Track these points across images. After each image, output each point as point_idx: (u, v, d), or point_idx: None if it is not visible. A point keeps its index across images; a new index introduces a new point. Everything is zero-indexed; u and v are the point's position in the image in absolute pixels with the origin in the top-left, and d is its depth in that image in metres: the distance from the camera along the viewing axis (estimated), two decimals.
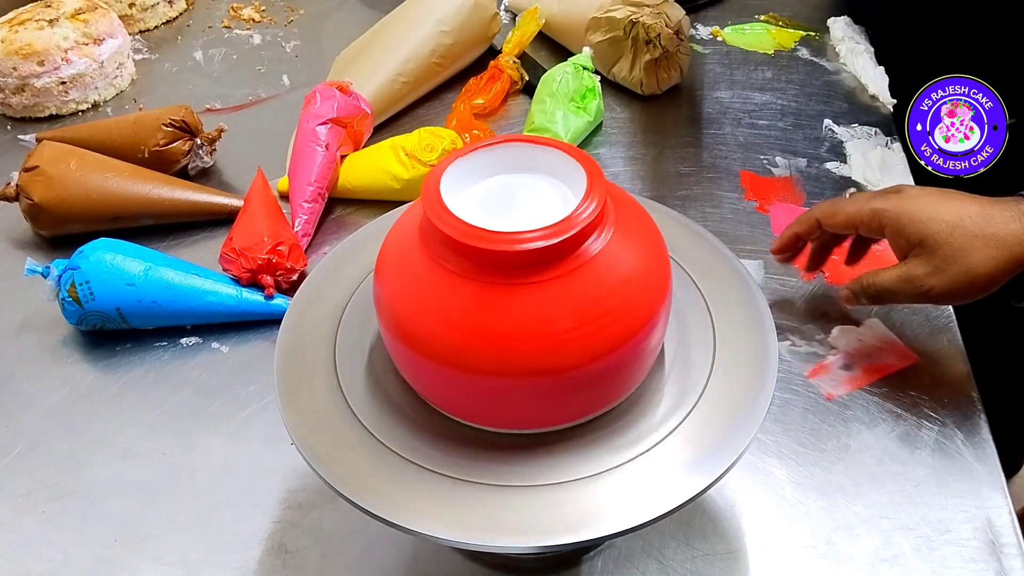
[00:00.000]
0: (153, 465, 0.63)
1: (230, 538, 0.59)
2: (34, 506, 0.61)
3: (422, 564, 0.57)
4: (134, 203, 0.80)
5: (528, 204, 0.47)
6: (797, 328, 0.69)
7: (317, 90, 0.85)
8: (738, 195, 0.82)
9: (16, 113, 0.98)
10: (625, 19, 0.91)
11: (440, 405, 0.49)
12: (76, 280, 0.69)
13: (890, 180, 0.81)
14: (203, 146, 0.86)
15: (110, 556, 0.58)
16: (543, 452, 0.47)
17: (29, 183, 0.79)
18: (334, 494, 0.46)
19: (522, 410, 0.47)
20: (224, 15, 1.15)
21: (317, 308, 0.55)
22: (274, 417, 0.64)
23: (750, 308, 0.53)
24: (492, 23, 0.99)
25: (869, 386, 0.65)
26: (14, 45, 0.95)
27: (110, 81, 1.01)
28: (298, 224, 0.79)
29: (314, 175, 0.81)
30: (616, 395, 0.49)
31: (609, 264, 0.45)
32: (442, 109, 0.96)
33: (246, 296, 0.72)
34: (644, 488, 0.45)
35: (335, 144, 0.83)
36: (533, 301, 0.44)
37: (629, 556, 0.56)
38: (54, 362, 0.71)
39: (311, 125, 0.82)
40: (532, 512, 0.44)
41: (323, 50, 1.07)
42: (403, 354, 0.47)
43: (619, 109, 0.95)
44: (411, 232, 0.48)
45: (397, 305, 0.47)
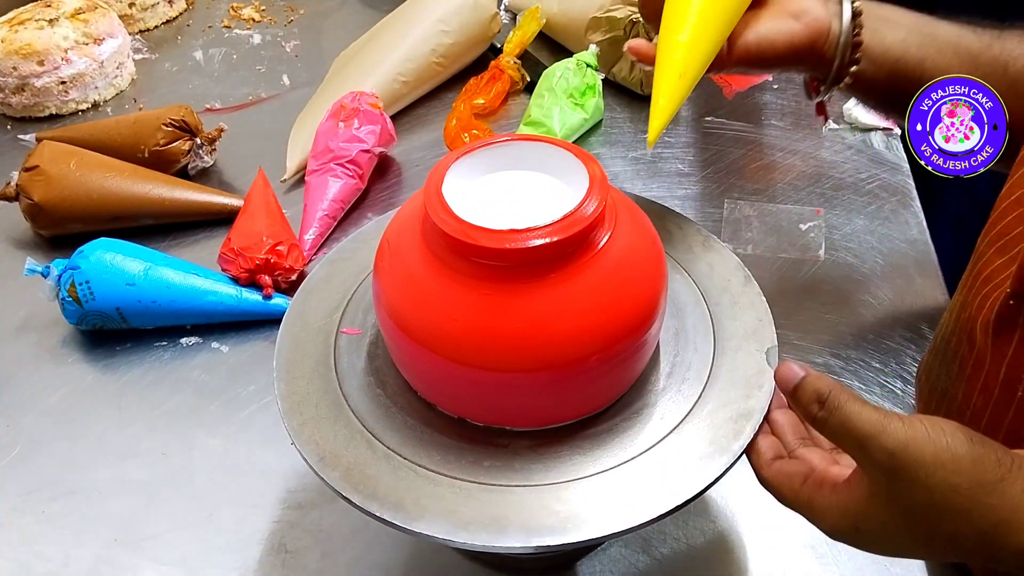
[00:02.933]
0: (153, 465, 0.63)
1: (230, 538, 0.59)
2: (34, 506, 0.61)
3: (422, 564, 0.57)
4: (134, 203, 0.80)
5: (529, 202, 0.47)
6: (797, 326, 0.69)
7: (361, 110, 0.84)
8: (738, 193, 0.82)
9: (16, 113, 0.98)
10: (625, 19, 0.91)
11: (442, 404, 0.49)
12: (76, 280, 0.69)
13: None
14: (203, 146, 0.86)
15: (110, 556, 0.58)
16: (543, 452, 0.47)
17: (29, 183, 0.79)
18: (334, 494, 0.46)
19: (525, 407, 0.47)
20: (224, 15, 1.15)
21: (317, 308, 0.55)
22: (274, 417, 0.64)
23: (750, 308, 0.53)
24: (492, 23, 0.99)
25: (869, 386, 0.65)
26: (14, 45, 0.95)
27: (110, 81, 1.01)
28: (310, 233, 0.79)
29: (340, 194, 0.81)
30: (615, 391, 0.49)
31: (609, 260, 0.45)
32: (442, 109, 0.96)
33: (246, 296, 0.72)
34: (644, 488, 0.45)
35: (367, 170, 0.83)
36: (536, 298, 0.44)
37: (628, 556, 0.56)
38: (54, 362, 0.71)
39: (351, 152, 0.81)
40: (531, 512, 0.44)
41: (323, 50, 1.07)
42: (405, 352, 0.47)
43: (619, 109, 0.95)
44: (411, 231, 0.48)
45: (399, 303, 0.47)
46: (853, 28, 0.59)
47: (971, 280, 0.53)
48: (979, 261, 0.53)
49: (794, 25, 0.58)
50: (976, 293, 0.51)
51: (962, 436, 0.39)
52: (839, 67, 0.59)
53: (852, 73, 0.59)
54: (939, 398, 0.55)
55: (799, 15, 0.58)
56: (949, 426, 0.39)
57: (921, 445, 0.39)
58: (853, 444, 0.40)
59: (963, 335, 0.52)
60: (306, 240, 0.78)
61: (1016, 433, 0.47)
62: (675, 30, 0.54)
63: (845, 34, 0.58)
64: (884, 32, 0.59)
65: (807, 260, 0.75)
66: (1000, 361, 0.48)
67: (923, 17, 0.60)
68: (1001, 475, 0.38)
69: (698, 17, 0.54)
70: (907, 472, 0.39)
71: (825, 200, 0.81)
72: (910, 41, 0.59)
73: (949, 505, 0.39)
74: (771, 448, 0.47)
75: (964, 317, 0.52)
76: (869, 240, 0.77)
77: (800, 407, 0.43)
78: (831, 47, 0.59)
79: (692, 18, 0.54)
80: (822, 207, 0.80)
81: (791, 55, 0.58)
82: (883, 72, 0.59)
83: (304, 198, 0.82)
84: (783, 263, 0.75)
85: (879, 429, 0.39)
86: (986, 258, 0.52)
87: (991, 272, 0.50)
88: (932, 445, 0.39)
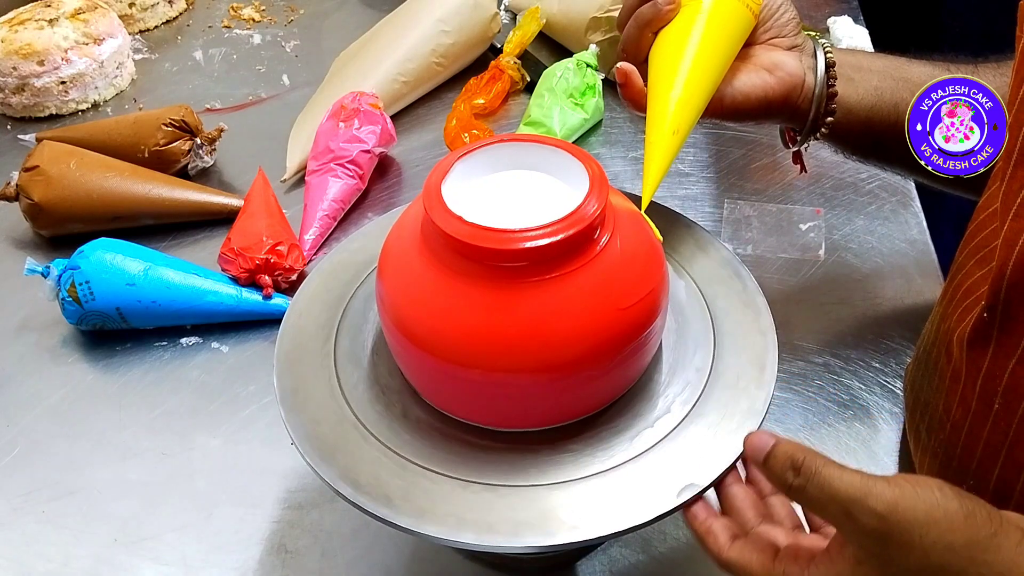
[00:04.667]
0: (153, 465, 0.63)
1: (230, 538, 0.59)
2: (34, 506, 0.61)
3: (422, 564, 0.57)
4: (134, 203, 0.80)
5: (529, 202, 0.47)
6: (797, 326, 0.69)
7: (361, 110, 0.84)
8: (738, 193, 0.82)
9: (16, 113, 0.98)
10: None
11: (442, 404, 0.49)
12: (76, 280, 0.69)
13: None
14: (203, 146, 0.86)
15: (110, 556, 0.58)
16: (543, 452, 0.47)
17: (29, 183, 0.79)
18: (334, 494, 0.46)
19: (525, 407, 0.47)
20: (224, 15, 1.15)
21: (317, 307, 0.55)
22: (274, 417, 0.64)
23: (750, 308, 0.53)
24: (492, 23, 0.99)
25: (869, 386, 0.65)
26: (14, 45, 0.95)
27: (110, 81, 1.01)
28: (310, 233, 0.78)
29: (340, 195, 0.81)
30: (615, 391, 0.49)
31: (609, 261, 0.45)
32: (442, 109, 0.96)
33: (246, 296, 0.72)
34: (644, 487, 0.45)
35: (368, 171, 0.83)
36: (536, 298, 0.44)
37: (628, 556, 0.56)
38: (54, 362, 0.71)
39: (351, 152, 0.81)
40: (531, 512, 0.44)
41: (323, 50, 1.07)
42: (406, 352, 0.47)
43: (619, 109, 0.94)
44: (412, 232, 0.48)
45: (401, 304, 0.47)
46: (828, 80, 0.59)
47: (950, 292, 0.52)
48: (958, 273, 0.52)
49: (768, 79, 0.58)
50: (955, 306, 0.51)
51: (950, 491, 0.38)
52: (814, 118, 0.60)
53: (827, 124, 0.60)
54: (923, 408, 0.55)
55: (773, 69, 0.58)
56: (934, 482, 0.38)
57: (911, 503, 0.37)
58: (837, 510, 0.38)
59: (942, 347, 0.52)
60: (306, 240, 0.78)
61: (995, 446, 0.46)
62: (667, 86, 0.53)
63: (820, 86, 0.59)
64: (858, 81, 0.59)
65: (807, 260, 0.75)
66: (976, 374, 0.47)
67: (895, 60, 0.61)
68: (994, 530, 0.37)
69: (689, 74, 0.53)
70: (899, 534, 0.37)
71: (825, 200, 0.81)
72: (884, 87, 0.59)
73: (945, 565, 0.37)
74: (726, 529, 0.44)
75: (943, 329, 0.52)
76: (869, 240, 0.77)
77: (773, 477, 0.40)
78: (806, 100, 0.59)
79: (684, 74, 0.53)
80: (822, 207, 0.80)
81: (765, 108, 0.58)
82: (858, 120, 0.60)
83: (304, 198, 0.82)
84: (783, 263, 0.75)
85: (864, 491, 0.37)
86: (965, 270, 0.51)
87: (970, 285, 0.50)
88: (923, 503, 0.37)
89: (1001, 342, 0.45)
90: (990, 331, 0.46)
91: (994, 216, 0.48)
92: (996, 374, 0.45)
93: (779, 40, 0.59)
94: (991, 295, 0.45)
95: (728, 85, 0.57)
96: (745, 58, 0.58)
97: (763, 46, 0.59)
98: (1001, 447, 0.46)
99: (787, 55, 0.59)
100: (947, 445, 0.50)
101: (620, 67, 0.56)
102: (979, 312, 0.47)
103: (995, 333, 0.46)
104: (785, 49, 0.59)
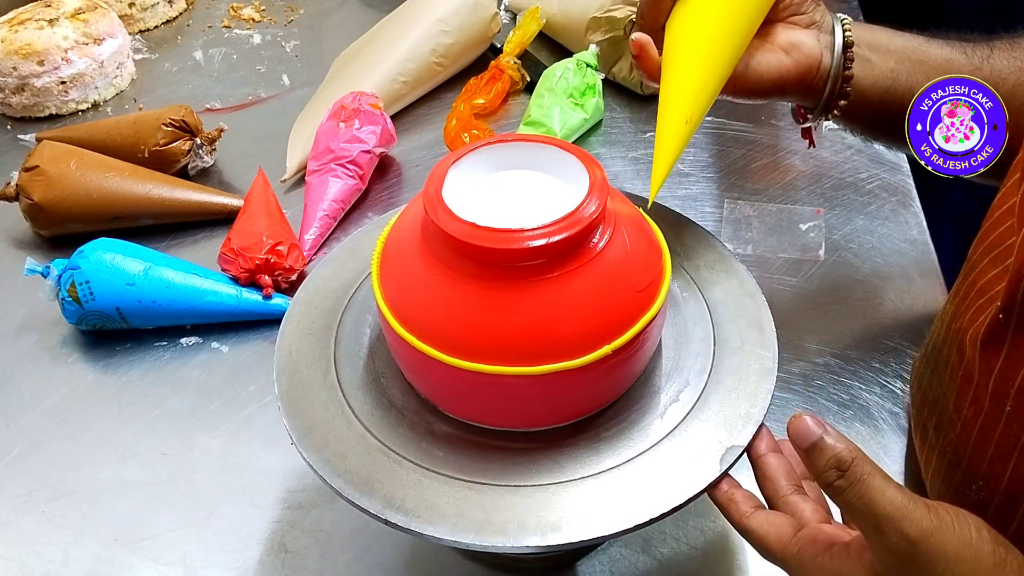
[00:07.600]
0: (153, 465, 0.63)
1: (230, 538, 0.59)
2: (34, 506, 0.61)
3: (422, 564, 0.57)
4: (134, 203, 0.80)
5: (529, 202, 0.47)
6: (797, 326, 0.69)
7: (361, 111, 0.83)
8: (738, 193, 0.82)
9: (16, 113, 0.98)
10: (625, 19, 0.91)
11: (442, 403, 0.49)
12: (76, 280, 0.69)
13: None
14: (203, 146, 0.86)
15: (110, 556, 0.58)
16: (543, 452, 0.47)
17: (29, 183, 0.79)
18: (334, 494, 0.46)
19: (525, 407, 0.47)
20: (224, 15, 1.15)
21: (317, 307, 0.55)
22: (274, 417, 0.64)
23: (750, 307, 0.53)
24: (492, 23, 0.99)
25: (869, 386, 0.65)
26: (14, 45, 0.95)
27: (110, 81, 1.01)
28: (310, 233, 0.78)
29: (340, 195, 0.81)
30: (615, 391, 0.49)
31: (609, 261, 0.45)
32: (442, 109, 0.96)
33: (246, 296, 0.72)
34: (644, 487, 0.45)
35: (368, 171, 0.83)
36: (536, 298, 0.44)
37: (628, 556, 0.56)
38: (54, 362, 0.71)
39: (351, 152, 0.81)
40: (531, 512, 0.44)
41: (323, 50, 1.07)
42: (405, 352, 0.47)
43: (619, 109, 0.95)
44: (412, 232, 0.48)
45: (401, 305, 0.47)
46: (844, 61, 0.58)
47: (963, 290, 0.52)
48: (972, 271, 0.52)
49: (784, 60, 0.57)
50: (968, 305, 0.51)
51: (987, 535, 0.37)
52: (827, 99, 0.59)
53: (840, 106, 0.59)
54: (931, 406, 0.55)
55: (790, 49, 0.57)
56: (976, 520, 0.37)
57: (945, 536, 0.36)
58: (869, 522, 0.37)
59: (953, 345, 0.51)
60: (306, 240, 0.78)
61: (1006, 448, 0.46)
62: (682, 70, 0.52)
63: (836, 67, 0.58)
64: (874, 62, 0.59)
65: (807, 260, 0.75)
66: (989, 374, 0.47)
67: (914, 39, 0.60)
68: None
69: (706, 60, 0.52)
70: (924, 563, 0.36)
71: (825, 200, 0.81)
72: (900, 70, 0.59)
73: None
74: (747, 499, 0.44)
75: (955, 327, 0.52)
76: (869, 240, 0.77)
77: (815, 469, 0.39)
78: (821, 80, 0.58)
79: (700, 60, 0.52)
80: (822, 207, 0.80)
81: (779, 89, 0.58)
82: (872, 102, 0.59)
83: (304, 198, 0.82)
84: (783, 263, 0.75)
85: (902, 513, 0.36)
86: (979, 269, 0.51)
87: (984, 283, 0.50)
88: (956, 539, 0.36)
89: (1016, 344, 0.45)
90: (1004, 333, 0.45)
91: (1009, 213, 0.48)
92: (1009, 376, 0.45)
93: (798, 18, 0.58)
94: (1007, 297, 0.45)
95: (743, 64, 0.56)
96: (762, 35, 0.57)
97: (781, 24, 0.58)
98: (1013, 449, 0.45)
99: (805, 33, 0.58)
100: (957, 445, 0.50)
101: (635, 38, 0.55)
102: (994, 313, 0.46)
103: (1009, 335, 0.45)
104: (804, 27, 0.58)
